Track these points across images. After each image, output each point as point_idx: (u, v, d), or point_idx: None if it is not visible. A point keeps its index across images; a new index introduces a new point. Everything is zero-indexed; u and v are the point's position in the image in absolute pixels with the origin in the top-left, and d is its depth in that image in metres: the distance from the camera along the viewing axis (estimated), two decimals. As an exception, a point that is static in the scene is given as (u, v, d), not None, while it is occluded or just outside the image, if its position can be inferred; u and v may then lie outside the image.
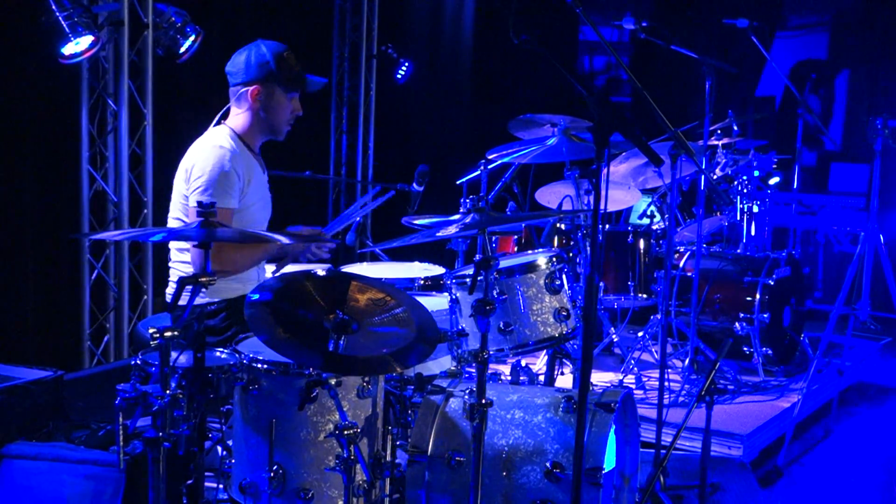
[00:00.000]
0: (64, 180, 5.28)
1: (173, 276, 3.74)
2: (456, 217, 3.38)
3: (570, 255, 4.96)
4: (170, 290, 3.83)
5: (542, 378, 4.69)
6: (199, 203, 2.76)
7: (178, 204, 3.65)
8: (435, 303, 3.61)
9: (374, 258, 5.60)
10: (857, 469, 4.79)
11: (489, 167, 5.20)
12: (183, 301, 2.66)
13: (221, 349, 3.13)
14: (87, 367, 5.29)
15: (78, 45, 4.74)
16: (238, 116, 3.73)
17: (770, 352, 5.48)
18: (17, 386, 3.85)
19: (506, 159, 4.93)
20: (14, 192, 5.10)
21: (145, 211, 5.56)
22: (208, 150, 3.58)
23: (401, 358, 2.73)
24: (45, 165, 5.22)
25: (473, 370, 2.87)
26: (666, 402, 4.10)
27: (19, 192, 5.13)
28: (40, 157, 5.19)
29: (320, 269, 2.98)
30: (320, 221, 4.49)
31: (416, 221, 5.00)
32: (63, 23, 4.67)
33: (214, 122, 3.77)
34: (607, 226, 5.70)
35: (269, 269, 3.93)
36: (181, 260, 3.70)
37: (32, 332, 5.19)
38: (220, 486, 3.03)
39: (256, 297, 2.75)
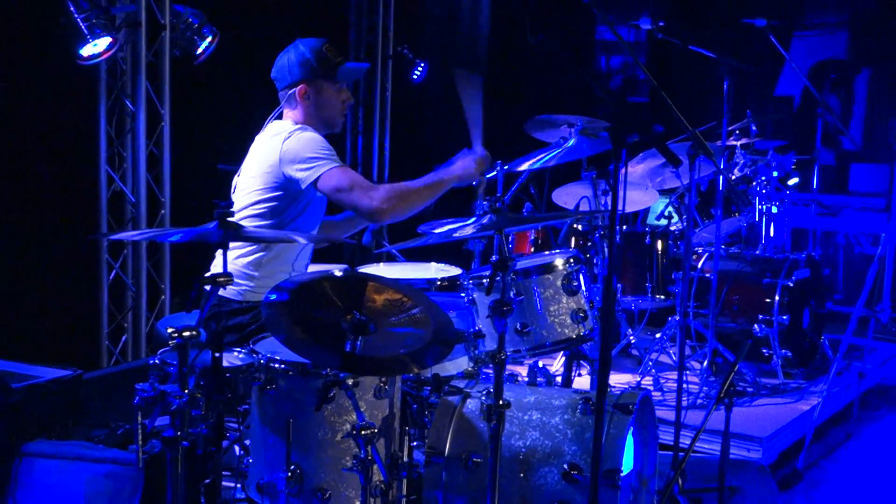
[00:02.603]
0: (82, 181, 5.31)
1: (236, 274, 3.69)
2: (472, 219, 3.39)
3: (588, 256, 4.96)
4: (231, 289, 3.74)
5: (559, 380, 4.69)
6: (216, 202, 2.78)
7: (254, 196, 3.64)
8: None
9: (391, 259, 5.60)
10: (878, 472, 4.77)
11: (505, 168, 5.19)
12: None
13: (239, 349, 3.15)
14: (105, 367, 5.32)
15: (96, 47, 4.78)
16: (292, 117, 3.73)
17: (789, 354, 5.46)
18: (36, 385, 3.88)
19: (525, 166, 4.91)
20: (34, 192, 5.14)
21: (163, 211, 5.59)
22: (291, 132, 3.58)
23: (418, 358, 2.74)
24: (63, 166, 5.26)
25: (490, 371, 2.88)
26: (684, 404, 4.10)
27: (39, 192, 5.17)
28: (59, 158, 5.24)
29: (337, 271, 3.00)
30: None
31: (437, 231, 5.01)
32: (81, 24, 4.71)
33: (266, 123, 3.78)
34: (625, 227, 5.69)
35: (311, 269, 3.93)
36: (240, 258, 3.69)
37: (51, 331, 5.23)
38: (238, 485, 3.05)
39: (273, 297, 2.77)
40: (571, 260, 3.51)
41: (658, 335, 5.53)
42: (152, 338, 5.52)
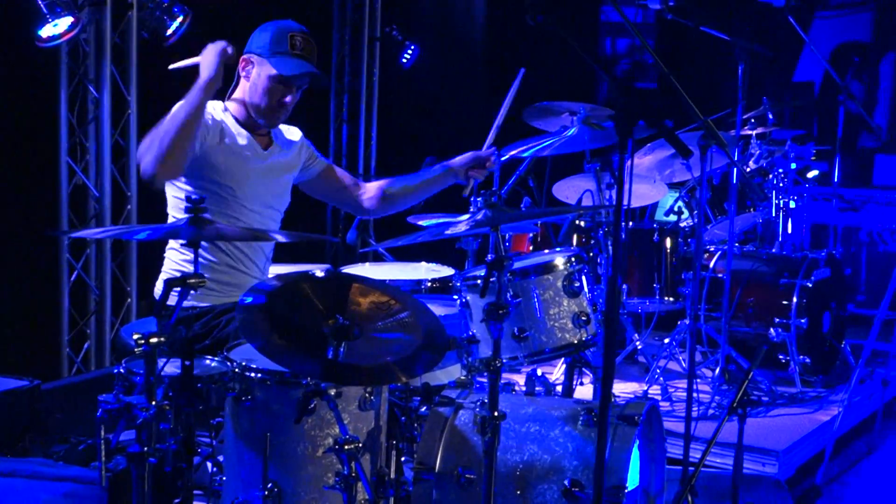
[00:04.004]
0: (41, 173, 5.29)
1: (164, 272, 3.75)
2: (465, 215, 3.39)
3: (591, 254, 4.96)
4: (158, 287, 3.83)
5: (559, 389, 4.69)
6: (188, 198, 2.77)
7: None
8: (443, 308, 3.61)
9: (378, 258, 5.61)
10: (903, 488, 4.79)
11: (502, 160, 5.18)
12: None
13: (211, 357, 3.14)
14: (65, 376, 5.30)
15: (56, 27, 4.75)
16: (236, 90, 3.72)
17: (808, 360, 5.47)
18: (-11, 396, 3.86)
19: (526, 154, 4.91)
20: (-14, 186, 5.12)
21: (129, 206, 5.57)
22: None
23: (406, 366, 2.74)
24: (20, 157, 5.23)
25: (485, 380, 2.88)
26: (694, 415, 4.09)
27: (-8, 186, 5.15)
28: (15, 148, 5.21)
29: (318, 271, 2.99)
30: (319, 219, 4.50)
31: (422, 223, 5.02)
32: (40, 2, 4.69)
33: None
34: (631, 223, 5.69)
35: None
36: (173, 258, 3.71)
37: (6, 337, 5.20)
38: (210, 505, 3.04)
39: (249, 300, 2.76)
40: (573, 259, 3.50)
41: (666, 340, 5.53)
42: (117, 345, 5.51)
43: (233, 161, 3.61)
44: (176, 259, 3.70)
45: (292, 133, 3.92)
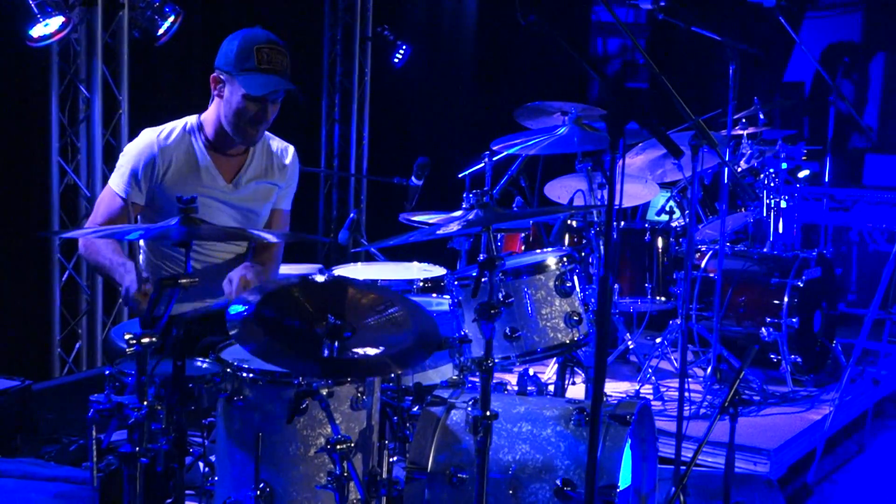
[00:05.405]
0: (32, 174, 5.28)
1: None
2: (458, 213, 3.38)
3: (583, 254, 4.96)
4: None
5: (551, 388, 4.69)
6: (179, 198, 2.76)
7: None
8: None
9: (370, 258, 5.60)
10: (893, 487, 4.79)
11: (494, 159, 5.19)
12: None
13: (202, 358, 3.13)
14: (57, 377, 5.29)
15: (47, 27, 4.74)
16: (211, 106, 3.62)
17: (799, 359, 5.48)
18: (-20, 397, 3.85)
19: (512, 150, 4.92)
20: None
21: (120, 207, 5.56)
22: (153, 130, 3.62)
23: (401, 360, 2.75)
24: (10, 157, 5.22)
25: (477, 380, 2.87)
26: (686, 414, 4.10)
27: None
28: (5, 148, 5.20)
29: (319, 276, 2.99)
30: (311, 219, 4.50)
31: (415, 218, 5.02)
32: (31, 2, 4.68)
33: None
34: (622, 223, 5.70)
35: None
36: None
37: (-3, 338, 5.20)
38: (202, 505, 3.03)
39: (238, 309, 2.74)
40: (565, 259, 3.50)
41: (658, 340, 5.54)
42: (107, 347, 5.49)
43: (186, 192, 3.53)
44: (146, 265, 3.69)
45: (283, 154, 3.77)
